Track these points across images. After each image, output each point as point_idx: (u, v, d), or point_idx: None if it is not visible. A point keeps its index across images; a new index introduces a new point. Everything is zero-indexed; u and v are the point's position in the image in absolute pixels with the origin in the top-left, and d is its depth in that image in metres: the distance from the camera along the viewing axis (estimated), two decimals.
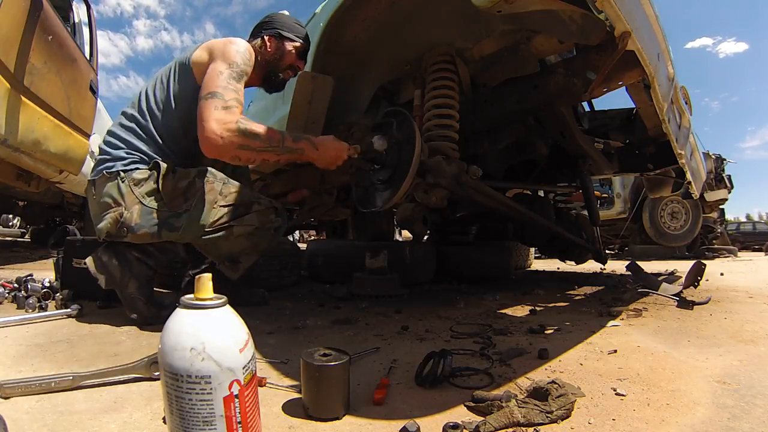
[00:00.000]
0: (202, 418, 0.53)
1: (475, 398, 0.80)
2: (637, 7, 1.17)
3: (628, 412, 0.78)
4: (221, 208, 1.40)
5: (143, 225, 1.34)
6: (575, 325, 1.50)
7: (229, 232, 1.41)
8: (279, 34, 1.56)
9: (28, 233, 6.94)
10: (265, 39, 1.55)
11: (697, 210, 5.93)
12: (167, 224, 1.36)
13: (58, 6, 2.59)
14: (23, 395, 0.79)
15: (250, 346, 0.59)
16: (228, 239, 1.42)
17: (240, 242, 1.45)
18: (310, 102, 1.86)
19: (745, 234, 15.31)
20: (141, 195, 1.34)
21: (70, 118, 2.74)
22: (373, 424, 0.73)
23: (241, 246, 1.46)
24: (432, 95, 1.61)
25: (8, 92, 2.07)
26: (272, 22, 1.59)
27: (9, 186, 2.91)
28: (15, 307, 1.55)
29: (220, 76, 1.28)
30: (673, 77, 1.56)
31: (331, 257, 2.72)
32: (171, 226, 1.36)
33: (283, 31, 1.56)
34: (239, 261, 1.49)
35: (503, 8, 1.01)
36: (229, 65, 1.32)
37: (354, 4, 1.56)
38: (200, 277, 0.58)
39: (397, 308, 1.77)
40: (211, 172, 1.42)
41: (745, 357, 1.12)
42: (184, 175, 1.39)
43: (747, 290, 2.44)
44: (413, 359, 1.04)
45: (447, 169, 1.47)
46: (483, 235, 3.65)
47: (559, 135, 2.08)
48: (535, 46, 1.53)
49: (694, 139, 2.28)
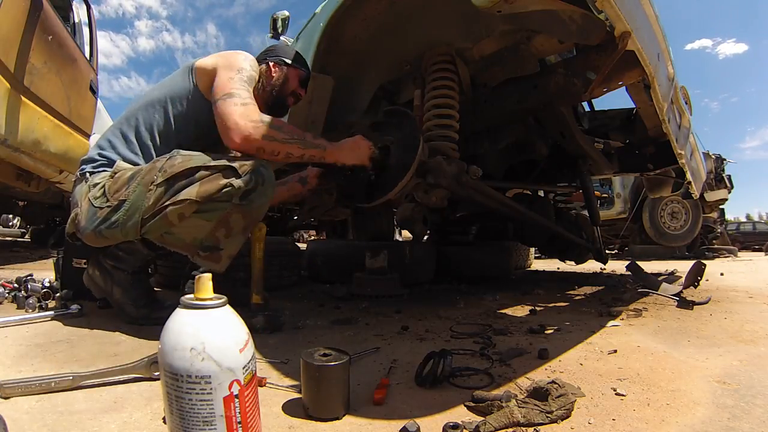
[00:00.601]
0: (202, 418, 0.53)
1: (475, 398, 0.80)
2: (637, 7, 1.17)
3: (628, 412, 0.78)
4: (157, 188, 1.17)
5: (87, 226, 1.26)
6: (575, 325, 1.50)
7: (164, 215, 1.16)
8: (283, 61, 1.56)
9: (28, 233, 6.93)
10: (270, 65, 1.54)
11: (697, 210, 5.93)
12: (105, 221, 1.22)
13: (58, 6, 2.59)
14: (23, 395, 0.79)
15: (250, 346, 0.59)
16: (175, 224, 1.17)
17: (197, 224, 1.18)
18: (310, 102, 1.86)
19: (745, 234, 15.32)
20: (93, 196, 1.27)
21: (70, 118, 2.74)
22: (373, 424, 0.73)
23: (205, 229, 1.19)
24: (432, 95, 1.61)
25: (8, 92, 2.07)
26: (276, 50, 1.60)
27: (9, 186, 2.92)
28: (15, 307, 1.55)
29: (232, 81, 1.28)
30: (673, 77, 1.57)
31: (331, 257, 2.71)
32: (109, 223, 1.21)
33: (286, 59, 1.56)
34: (219, 248, 1.22)
35: (503, 8, 1.01)
36: (238, 71, 1.32)
37: (354, 4, 1.56)
38: (200, 277, 0.58)
39: (397, 308, 1.77)
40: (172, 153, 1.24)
41: (745, 357, 1.12)
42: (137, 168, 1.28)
43: (747, 290, 2.44)
44: (413, 359, 1.04)
45: (447, 169, 1.47)
46: (483, 235, 3.65)
47: (559, 135, 2.08)
48: (535, 46, 1.53)
49: (694, 139, 2.28)
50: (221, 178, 1.16)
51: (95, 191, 1.28)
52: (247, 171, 1.18)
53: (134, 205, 1.19)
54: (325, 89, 1.86)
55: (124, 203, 1.20)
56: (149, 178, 1.19)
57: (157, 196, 1.17)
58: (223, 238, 1.22)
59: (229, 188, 1.15)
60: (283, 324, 1.40)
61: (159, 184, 1.17)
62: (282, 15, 2.93)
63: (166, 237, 1.22)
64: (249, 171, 1.18)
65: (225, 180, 1.16)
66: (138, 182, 1.21)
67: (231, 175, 1.16)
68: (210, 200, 1.15)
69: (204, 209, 1.17)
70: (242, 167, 1.17)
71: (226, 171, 1.17)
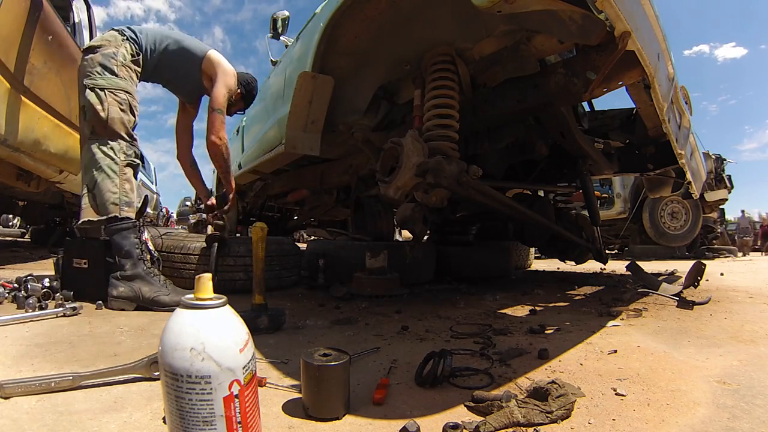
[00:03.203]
0: (202, 418, 0.53)
1: (475, 398, 0.80)
2: (637, 7, 1.17)
3: (628, 412, 0.78)
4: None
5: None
6: (575, 325, 1.50)
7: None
8: (242, 91, 2.23)
9: (28, 233, 6.93)
10: (239, 90, 2.17)
11: (697, 210, 5.93)
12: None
13: (58, 6, 2.59)
14: (23, 395, 0.79)
15: (250, 346, 0.59)
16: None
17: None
18: (310, 102, 1.86)
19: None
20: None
21: (70, 118, 2.74)
22: (373, 424, 0.73)
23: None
24: (432, 95, 1.61)
25: (8, 92, 2.07)
26: (246, 84, 2.24)
27: (9, 186, 2.91)
28: (15, 307, 1.55)
29: (223, 98, 1.96)
30: (673, 77, 1.56)
31: (331, 257, 2.71)
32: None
33: (244, 91, 2.25)
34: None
35: (503, 8, 1.01)
36: (228, 91, 1.99)
37: (354, 4, 1.56)
38: (200, 277, 0.58)
39: (397, 308, 1.77)
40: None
41: (745, 357, 1.12)
42: None
43: (747, 290, 2.44)
44: (413, 359, 1.04)
45: (447, 169, 1.47)
46: (483, 235, 3.65)
47: (559, 135, 2.08)
48: (535, 46, 1.53)
49: (694, 139, 2.28)
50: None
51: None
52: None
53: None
54: (325, 89, 1.86)
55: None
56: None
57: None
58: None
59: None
60: (284, 324, 1.40)
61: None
62: (282, 15, 2.93)
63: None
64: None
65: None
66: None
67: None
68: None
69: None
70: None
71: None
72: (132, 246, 1.66)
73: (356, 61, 1.86)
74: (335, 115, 2.00)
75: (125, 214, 1.66)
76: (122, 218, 1.65)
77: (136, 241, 1.67)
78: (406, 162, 1.48)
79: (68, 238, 1.85)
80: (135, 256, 1.65)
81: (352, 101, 1.96)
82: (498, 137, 2.04)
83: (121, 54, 1.75)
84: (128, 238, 1.66)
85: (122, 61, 1.75)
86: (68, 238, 1.85)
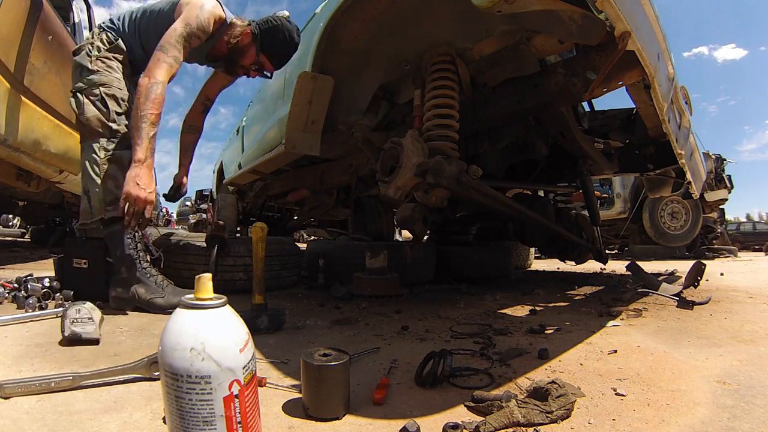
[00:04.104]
0: (202, 418, 0.53)
1: (475, 398, 0.80)
2: (637, 7, 1.17)
3: (628, 412, 0.78)
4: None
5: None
6: (575, 325, 1.50)
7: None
8: (256, 38, 1.76)
9: (28, 233, 6.93)
10: (247, 31, 1.75)
11: (697, 210, 5.93)
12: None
13: (58, 6, 2.59)
14: (23, 395, 0.79)
15: (250, 346, 0.59)
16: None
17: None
18: (310, 102, 1.86)
19: (745, 234, 15.31)
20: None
21: (70, 118, 2.73)
22: (373, 424, 0.73)
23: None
24: (432, 95, 1.61)
25: (8, 92, 2.07)
26: (269, 29, 1.78)
27: (9, 186, 2.91)
28: (15, 307, 1.55)
29: (174, 33, 1.58)
30: (673, 77, 1.56)
31: (331, 257, 2.71)
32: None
33: (262, 39, 1.76)
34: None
35: (503, 8, 1.01)
36: (185, 26, 1.60)
37: (354, 4, 1.56)
38: (200, 277, 0.58)
39: (397, 308, 1.77)
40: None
41: (745, 357, 1.12)
42: None
43: (747, 290, 2.44)
44: (413, 359, 1.04)
45: (447, 169, 1.47)
46: (483, 235, 3.65)
47: (559, 135, 2.08)
48: (535, 46, 1.53)
49: (694, 140, 2.28)
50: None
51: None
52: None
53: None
54: (325, 89, 1.86)
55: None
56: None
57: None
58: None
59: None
60: (284, 324, 1.40)
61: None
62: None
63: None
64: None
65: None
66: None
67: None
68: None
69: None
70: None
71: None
72: (126, 248, 1.62)
73: (356, 61, 1.86)
74: (335, 115, 2.00)
75: (110, 214, 1.62)
76: (109, 219, 1.62)
77: (129, 242, 1.63)
78: (406, 162, 1.48)
79: (68, 238, 1.84)
80: (129, 259, 1.62)
81: (352, 101, 1.96)
82: (498, 137, 2.04)
83: (96, 47, 1.71)
84: (122, 240, 1.62)
85: (96, 54, 1.70)
86: (68, 238, 1.84)
